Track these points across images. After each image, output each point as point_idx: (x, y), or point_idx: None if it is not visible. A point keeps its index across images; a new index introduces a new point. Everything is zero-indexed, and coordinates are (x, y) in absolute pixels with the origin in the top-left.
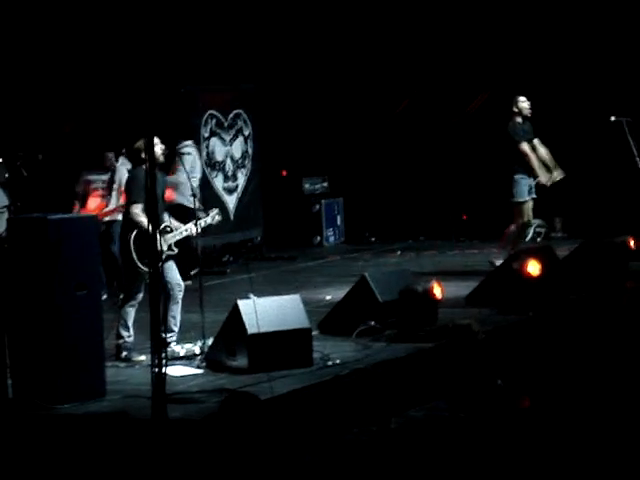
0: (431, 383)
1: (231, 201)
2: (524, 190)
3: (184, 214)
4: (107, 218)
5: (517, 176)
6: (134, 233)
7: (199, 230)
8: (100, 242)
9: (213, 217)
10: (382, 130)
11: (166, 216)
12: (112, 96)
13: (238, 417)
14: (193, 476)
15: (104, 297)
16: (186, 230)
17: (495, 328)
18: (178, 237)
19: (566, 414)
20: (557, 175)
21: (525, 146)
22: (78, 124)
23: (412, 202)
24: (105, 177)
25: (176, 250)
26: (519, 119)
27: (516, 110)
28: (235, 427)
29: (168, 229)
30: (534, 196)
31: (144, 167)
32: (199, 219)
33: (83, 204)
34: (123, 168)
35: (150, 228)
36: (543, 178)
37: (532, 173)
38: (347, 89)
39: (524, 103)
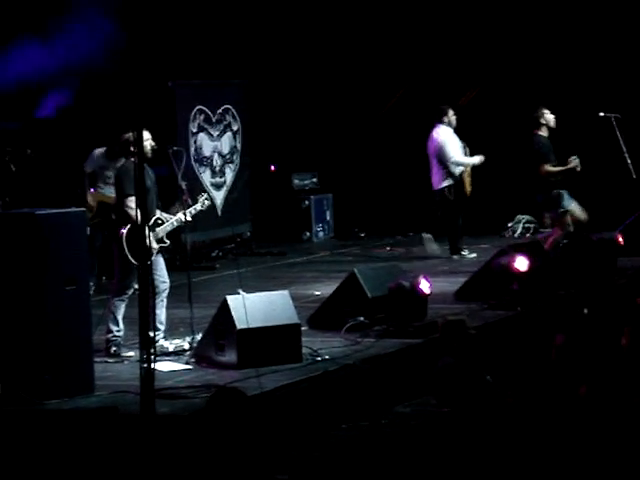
0: (420, 379)
1: (219, 196)
2: (566, 199)
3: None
4: None
5: (556, 191)
6: (127, 227)
7: (189, 218)
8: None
9: (202, 203)
10: (371, 126)
11: (157, 210)
12: (101, 89)
13: (225, 413)
14: (182, 471)
15: (92, 288)
16: (177, 220)
17: (484, 324)
18: (169, 228)
19: (554, 409)
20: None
21: (548, 167)
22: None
23: (401, 198)
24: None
25: (167, 242)
26: (544, 133)
27: (543, 122)
28: (222, 423)
29: (159, 222)
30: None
31: (133, 160)
32: (189, 206)
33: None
34: None
35: (140, 222)
36: (574, 163)
37: (566, 181)
38: (336, 84)
39: (550, 115)
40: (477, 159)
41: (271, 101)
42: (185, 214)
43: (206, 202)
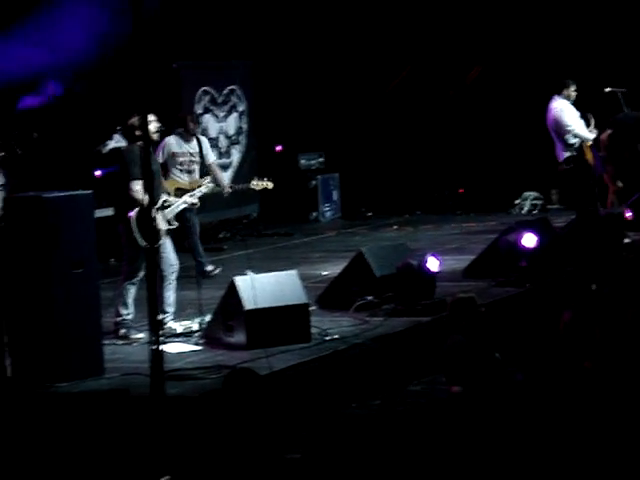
0: (430, 357)
1: (225, 178)
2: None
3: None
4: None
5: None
6: (136, 210)
7: (196, 201)
8: None
9: (207, 185)
10: (377, 105)
11: (164, 193)
12: (108, 73)
13: (240, 394)
14: (192, 452)
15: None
16: (184, 202)
17: (493, 301)
18: (176, 210)
19: (564, 387)
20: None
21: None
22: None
23: (408, 177)
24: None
25: (176, 224)
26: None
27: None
28: (237, 403)
29: (166, 204)
30: None
31: (139, 144)
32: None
33: None
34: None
35: (147, 205)
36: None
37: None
38: (341, 63)
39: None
40: (591, 135)
41: (276, 81)
42: (191, 196)
43: (210, 185)
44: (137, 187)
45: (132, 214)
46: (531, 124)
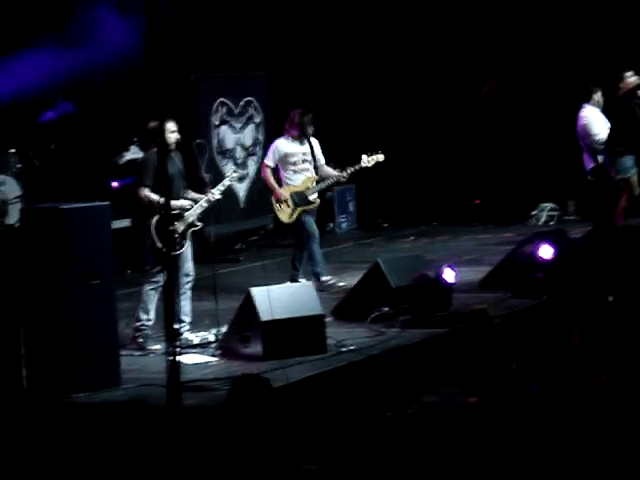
0: (445, 368)
1: (242, 189)
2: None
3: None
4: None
5: (622, 156)
6: (155, 218)
7: (219, 196)
8: None
9: (231, 177)
10: (394, 116)
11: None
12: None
13: (248, 400)
14: (208, 463)
15: None
16: (206, 201)
17: (510, 312)
18: (199, 210)
19: (579, 398)
20: None
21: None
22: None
23: (424, 188)
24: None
25: (200, 224)
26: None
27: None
28: (246, 409)
29: (188, 206)
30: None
31: (155, 150)
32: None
33: None
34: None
35: (164, 212)
36: None
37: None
38: (358, 75)
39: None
40: None
41: (293, 92)
42: (213, 192)
43: (234, 174)
44: (143, 194)
45: (152, 220)
46: (548, 135)
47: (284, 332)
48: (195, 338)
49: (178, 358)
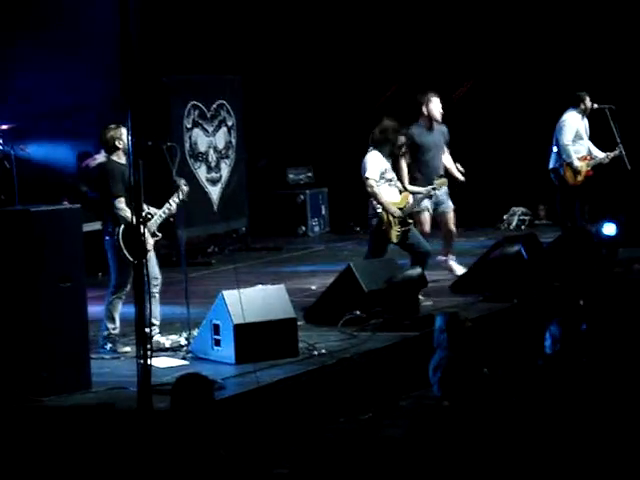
0: (417, 372)
1: (215, 192)
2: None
3: None
4: None
5: None
6: (122, 227)
7: (176, 207)
8: None
9: (182, 190)
10: (366, 120)
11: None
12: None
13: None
14: (179, 466)
15: None
16: (164, 212)
17: (480, 316)
18: (159, 220)
19: (552, 401)
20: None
21: None
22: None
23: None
24: None
25: (160, 235)
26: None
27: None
28: (188, 409)
29: (149, 216)
30: None
31: (115, 158)
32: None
33: None
34: None
35: (135, 220)
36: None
37: None
38: (330, 79)
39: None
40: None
41: (265, 96)
42: (171, 203)
43: (185, 188)
44: (121, 205)
45: (119, 229)
46: (519, 139)
47: (256, 335)
48: (166, 341)
49: (149, 361)
